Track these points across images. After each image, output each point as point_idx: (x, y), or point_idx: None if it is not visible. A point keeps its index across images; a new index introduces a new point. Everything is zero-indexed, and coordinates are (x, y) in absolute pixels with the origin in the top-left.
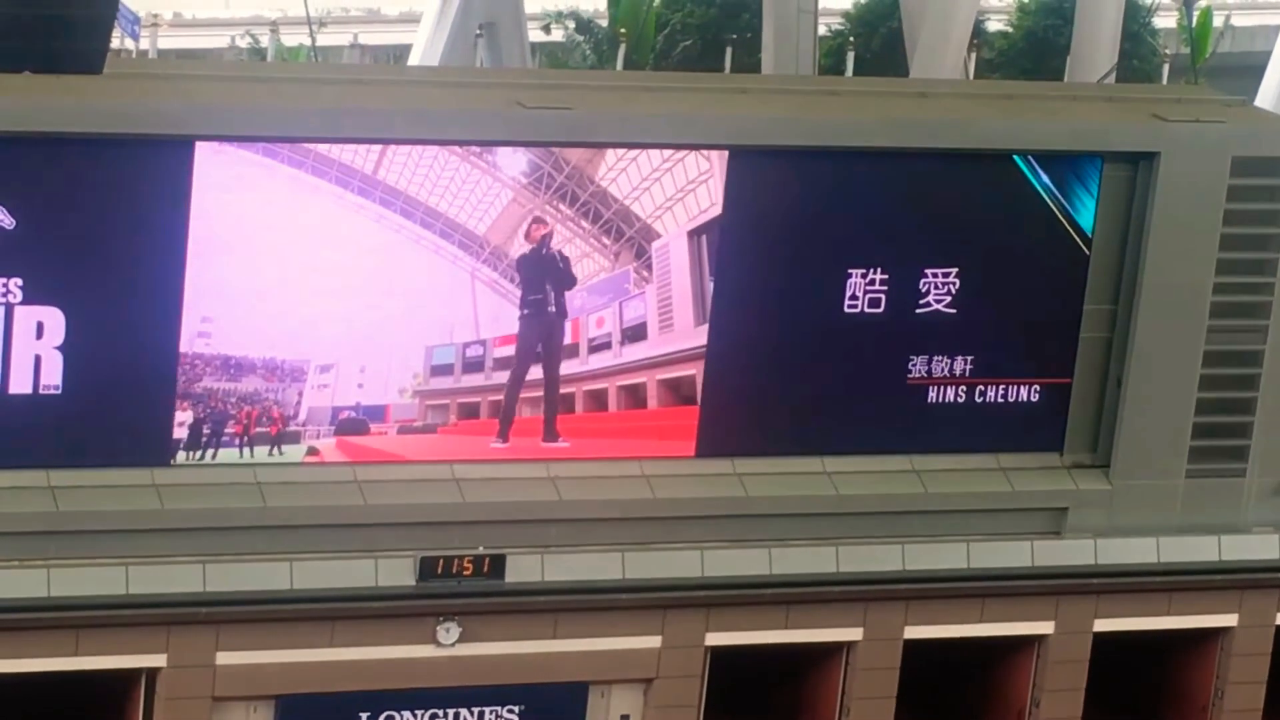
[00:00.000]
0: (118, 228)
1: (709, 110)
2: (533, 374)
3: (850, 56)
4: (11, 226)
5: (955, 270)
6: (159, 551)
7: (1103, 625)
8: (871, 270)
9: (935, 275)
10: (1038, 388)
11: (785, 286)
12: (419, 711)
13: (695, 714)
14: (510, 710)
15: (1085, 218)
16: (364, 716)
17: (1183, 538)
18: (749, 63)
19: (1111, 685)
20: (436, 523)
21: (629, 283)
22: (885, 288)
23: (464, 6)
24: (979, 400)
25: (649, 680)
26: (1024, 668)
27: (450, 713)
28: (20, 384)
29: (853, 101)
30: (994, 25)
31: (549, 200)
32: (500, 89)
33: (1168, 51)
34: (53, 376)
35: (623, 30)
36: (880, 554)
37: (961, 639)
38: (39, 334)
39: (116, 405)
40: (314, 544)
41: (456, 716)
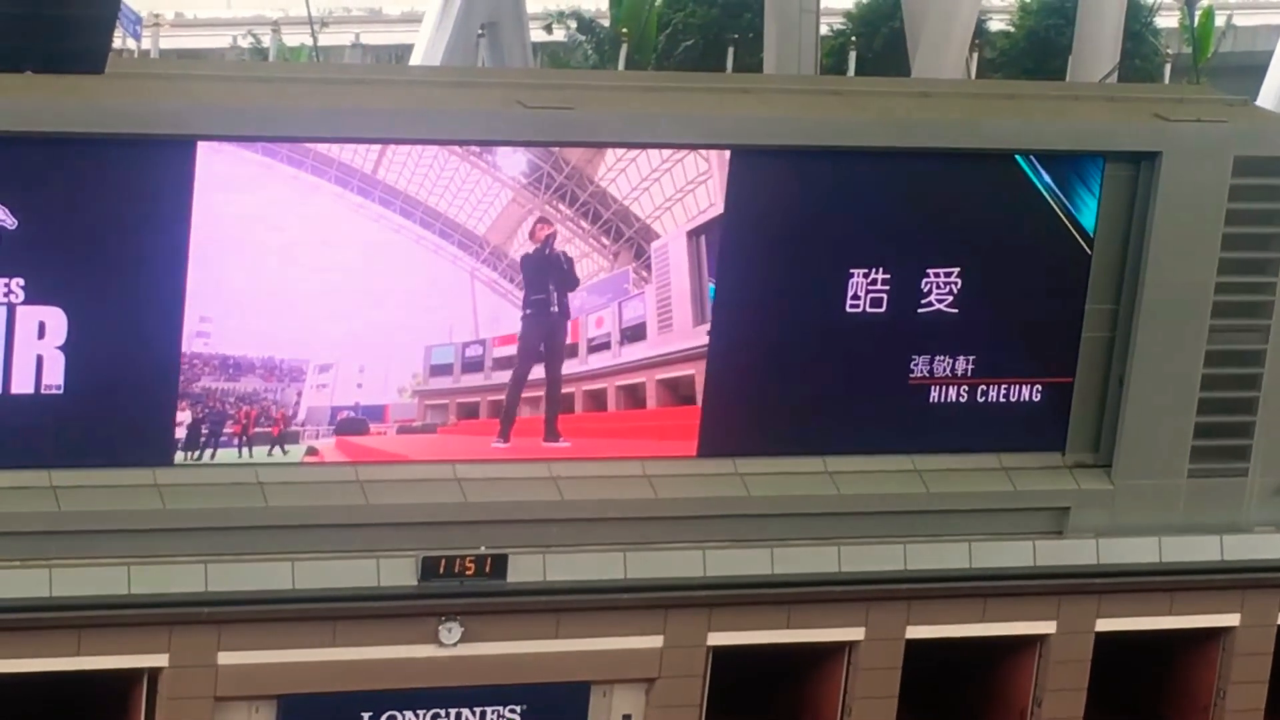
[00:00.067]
0: (120, 228)
1: (711, 110)
2: (533, 374)
3: (852, 56)
4: (13, 226)
5: (957, 270)
6: (161, 551)
7: (1105, 625)
8: (873, 270)
9: (937, 275)
10: (1039, 387)
11: (787, 286)
12: (421, 711)
13: (697, 714)
14: (512, 710)
15: (1087, 217)
16: (366, 716)
17: (1185, 537)
18: (751, 62)
19: (1113, 685)
20: (438, 523)
21: (628, 283)
22: (887, 287)
23: (466, 6)
24: (981, 400)
25: (651, 680)
26: (1026, 667)
27: (452, 713)
28: (22, 384)
29: (855, 101)
30: (996, 25)
31: (548, 200)
32: (502, 89)
33: (1169, 51)
34: (55, 376)
35: (624, 30)
36: (882, 554)
37: (963, 639)
38: (41, 334)
39: (118, 405)
40: (316, 544)
41: (458, 716)
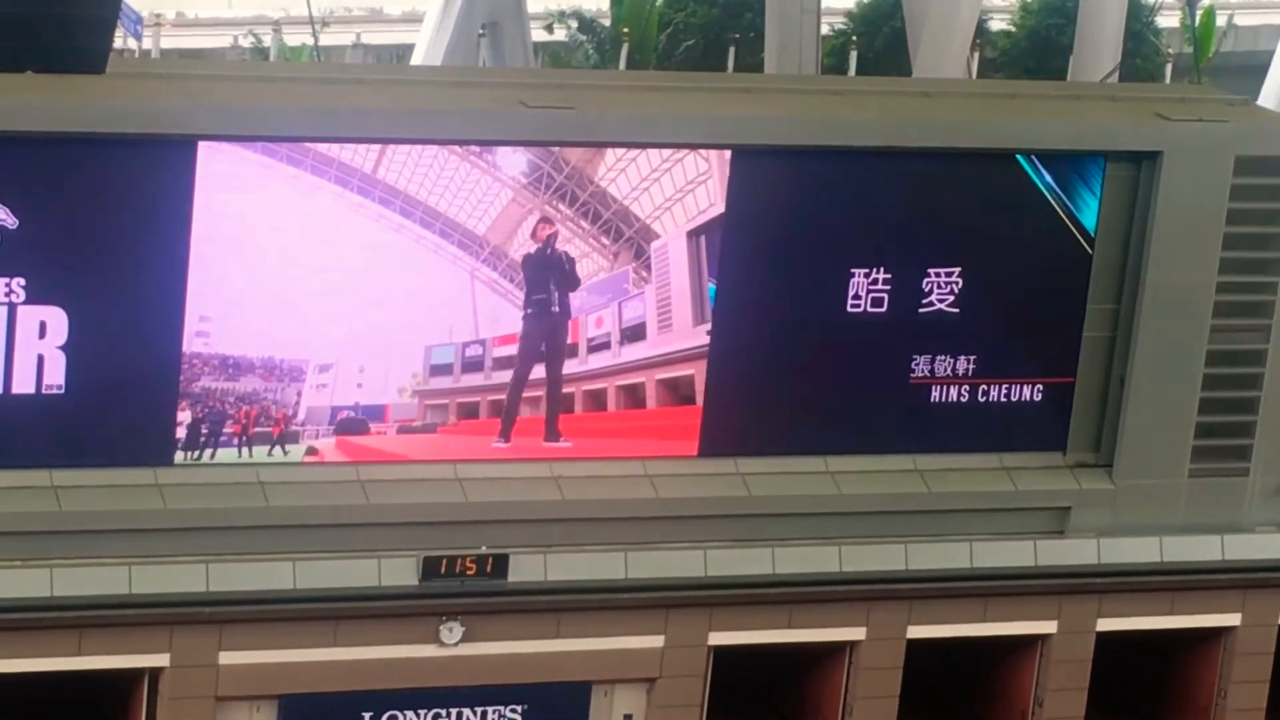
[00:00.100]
0: (120, 227)
1: (712, 110)
2: (534, 374)
3: (853, 56)
4: (14, 226)
5: (958, 270)
6: (162, 551)
7: (1106, 625)
8: (874, 270)
9: (938, 275)
10: (1041, 387)
11: (788, 286)
12: (422, 711)
13: (698, 714)
14: (513, 710)
15: (1088, 217)
16: (367, 716)
17: (1186, 537)
18: (752, 62)
19: (1114, 685)
20: (439, 522)
21: (628, 283)
22: (888, 287)
23: (467, 6)
24: (982, 400)
25: (652, 680)
26: (1027, 667)
27: (453, 712)
28: (23, 384)
29: (856, 101)
30: (997, 25)
31: (548, 200)
32: (503, 88)
33: (1171, 51)
34: (56, 376)
35: (625, 30)
36: (883, 553)
37: (964, 639)
38: (42, 334)
39: (119, 405)
40: (317, 544)
41: (459, 716)
